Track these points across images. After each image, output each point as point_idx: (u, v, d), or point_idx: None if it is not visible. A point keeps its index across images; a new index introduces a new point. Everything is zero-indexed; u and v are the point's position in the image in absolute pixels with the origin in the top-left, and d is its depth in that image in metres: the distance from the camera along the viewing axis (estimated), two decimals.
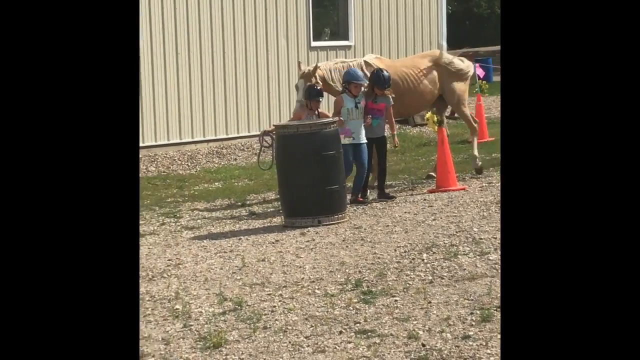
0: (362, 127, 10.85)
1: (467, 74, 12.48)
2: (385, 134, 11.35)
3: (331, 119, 10.30)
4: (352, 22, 18.05)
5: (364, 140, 10.86)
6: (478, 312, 6.21)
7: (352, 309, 6.57)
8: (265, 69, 16.73)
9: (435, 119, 11.73)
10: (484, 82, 19.33)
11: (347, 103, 10.84)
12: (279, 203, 10.58)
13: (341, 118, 10.66)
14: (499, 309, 6.20)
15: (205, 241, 9.38)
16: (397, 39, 18.74)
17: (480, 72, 19.18)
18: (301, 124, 10.26)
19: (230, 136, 16.34)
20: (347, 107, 10.81)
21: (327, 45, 17.73)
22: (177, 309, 6.87)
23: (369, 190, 11.28)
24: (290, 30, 17.00)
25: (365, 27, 18.26)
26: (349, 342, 5.84)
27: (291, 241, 9.10)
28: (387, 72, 11.21)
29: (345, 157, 10.43)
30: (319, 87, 11.09)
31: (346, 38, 18.01)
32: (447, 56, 12.64)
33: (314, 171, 9.84)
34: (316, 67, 11.60)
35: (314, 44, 17.35)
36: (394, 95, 11.34)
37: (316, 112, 10.82)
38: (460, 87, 12.26)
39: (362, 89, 10.97)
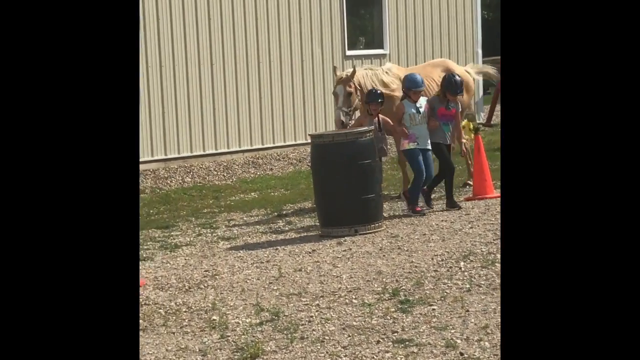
0: (427, 132, 10.75)
1: (472, 86, 12.80)
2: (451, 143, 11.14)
3: (367, 128, 10.27)
4: (387, 30, 18.04)
5: (429, 146, 10.76)
6: None
7: (389, 318, 6.53)
8: (301, 78, 16.76)
9: (472, 126, 11.69)
10: None
11: (408, 109, 10.73)
12: (315, 213, 10.57)
13: (404, 123, 10.68)
14: None
15: (241, 252, 9.39)
16: (432, 46, 18.70)
17: None
18: (337, 133, 10.25)
19: (265, 146, 16.38)
20: (409, 113, 10.71)
21: (362, 54, 17.73)
22: (214, 319, 6.88)
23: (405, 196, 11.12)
24: (325, 39, 17.03)
25: (400, 35, 18.25)
26: (387, 352, 5.81)
27: (328, 251, 9.08)
28: (459, 77, 11.12)
29: (416, 162, 10.59)
30: (379, 91, 10.95)
31: (381, 46, 18.00)
32: (457, 67, 12.63)
33: (350, 180, 9.82)
34: (354, 72, 11.42)
35: (349, 52, 17.36)
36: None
37: (376, 119, 10.67)
38: (465, 98, 12.13)
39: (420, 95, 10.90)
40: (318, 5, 16.94)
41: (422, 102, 10.84)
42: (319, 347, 6.05)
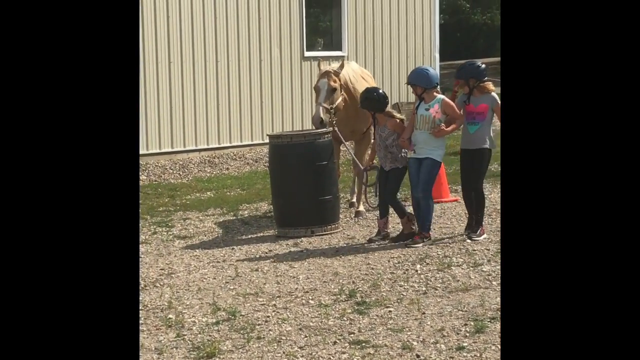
0: (427, 139, 8.92)
1: None
2: (487, 146, 8.99)
3: (325, 129, 10.26)
4: (346, 32, 18.08)
5: (428, 155, 8.91)
6: (472, 323, 6.21)
7: (346, 319, 6.56)
8: (259, 78, 16.73)
9: None
10: None
11: (419, 109, 9.01)
12: (272, 213, 10.56)
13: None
14: (492, 320, 6.21)
15: (197, 251, 9.36)
16: (390, 49, 18.77)
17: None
18: (295, 134, 10.25)
19: (222, 145, 16.32)
20: (420, 114, 8.98)
21: (321, 56, 17.69)
22: (170, 318, 6.85)
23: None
24: (283, 39, 17.01)
25: (358, 37, 18.29)
26: (343, 353, 5.83)
27: (284, 251, 9.08)
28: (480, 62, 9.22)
29: (409, 176, 9.10)
30: (381, 92, 9.47)
31: (339, 48, 18.03)
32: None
33: (307, 181, 9.83)
34: (342, 65, 10.59)
35: (307, 53, 17.36)
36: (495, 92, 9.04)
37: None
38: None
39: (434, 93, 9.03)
40: (277, 5, 16.92)
41: (434, 102, 8.96)
42: (275, 347, 6.05)
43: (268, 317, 6.74)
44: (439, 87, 9.43)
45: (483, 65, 9.04)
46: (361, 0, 18.29)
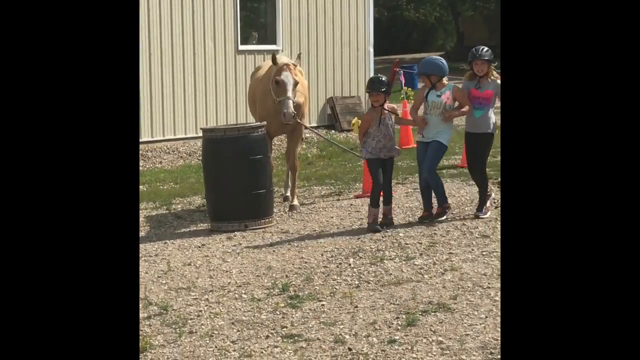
0: (437, 123, 9.23)
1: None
2: (491, 130, 9.29)
3: (259, 123, 10.24)
4: (280, 26, 18.05)
5: (432, 138, 9.22)
6: (404, 316, 6.25)
7: (278, 313, 6.56)
8: (192, 72, 16.62)
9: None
10: (409, 88, 19.49)
11: (430, 96, 9.32)
12: (205, 207, 10.51)
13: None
14: (424, 314, 6.26)
15: None
16: (325, 43, 18.80)
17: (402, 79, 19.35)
18: (229, 128, 10.20)
19: (155, 139, 16.19)
20: (431, 100, 9.29)
21: (255, 49, 17.70)
22: None
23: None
24: (217, 33, 16.92)
25: (293, 31, 18.28)
26: (276, 347, 5.83)
27: (217, 245, 9.04)
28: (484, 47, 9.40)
29: (417, 159, 9.44)
30: (382, 78, 9.50)
31: (274, 42, 18.00)
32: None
33: (241, 175, 9.79)
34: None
35: (241, 47, 17.30)
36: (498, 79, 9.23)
37: (386, 109, 9.30)
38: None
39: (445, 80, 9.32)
40: None
41: (445, 89, 9.30)
42: (207, 341, 6.03)
43: (200, 311, 6.71)
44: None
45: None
46: None
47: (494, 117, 9.38)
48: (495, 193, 9.93)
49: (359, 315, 6.39)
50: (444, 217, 9.31)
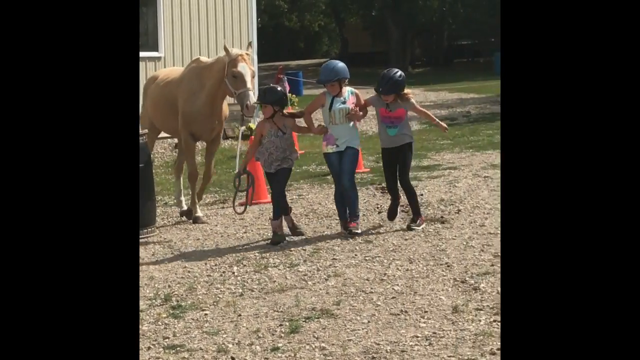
0: (351, 131, 9.02)
1: None
2: (409, 140, 9.17)
3: (143, 130, 10.10)
4: (162, 33, 17.87)
5: (346, 146, 8.96)
6: (287, 323, 6.24)
7: (160, 324, 6.47)
8: None
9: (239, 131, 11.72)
10: (293, 95, 19.57)
11: (335, 104, 8.97)
12: None
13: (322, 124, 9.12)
14: (307, 320, 6.26)
15: None
16: (208, 50, 18.70)
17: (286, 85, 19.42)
18: None
19: None
20: (335, 109, 8.97)
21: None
22: None
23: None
24: None
25: (175, 37, 18.12)
26: (158, 358, 5.75)
27: None
28: (399, 73, 9.13)
29: (332, 170, 9.11)
30: (279, 88, 9.23)
31: (156, 49, 17.82)
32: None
33: None
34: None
35: None
36: (413, 95, 9.33)
37: (275, 124, 8.95)
38: None
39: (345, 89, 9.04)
40: None
41: (348, 95, 9.06)
42: None
43: None
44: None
45: (401, 78, 9.02)
46: (177, 0, 18.14)
47: (409, 127, 9.29)
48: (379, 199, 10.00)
49: (242, 323, 6.35)
50: (359, 231, 8.88)
